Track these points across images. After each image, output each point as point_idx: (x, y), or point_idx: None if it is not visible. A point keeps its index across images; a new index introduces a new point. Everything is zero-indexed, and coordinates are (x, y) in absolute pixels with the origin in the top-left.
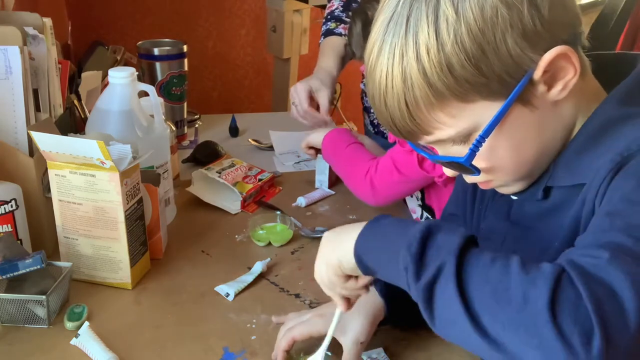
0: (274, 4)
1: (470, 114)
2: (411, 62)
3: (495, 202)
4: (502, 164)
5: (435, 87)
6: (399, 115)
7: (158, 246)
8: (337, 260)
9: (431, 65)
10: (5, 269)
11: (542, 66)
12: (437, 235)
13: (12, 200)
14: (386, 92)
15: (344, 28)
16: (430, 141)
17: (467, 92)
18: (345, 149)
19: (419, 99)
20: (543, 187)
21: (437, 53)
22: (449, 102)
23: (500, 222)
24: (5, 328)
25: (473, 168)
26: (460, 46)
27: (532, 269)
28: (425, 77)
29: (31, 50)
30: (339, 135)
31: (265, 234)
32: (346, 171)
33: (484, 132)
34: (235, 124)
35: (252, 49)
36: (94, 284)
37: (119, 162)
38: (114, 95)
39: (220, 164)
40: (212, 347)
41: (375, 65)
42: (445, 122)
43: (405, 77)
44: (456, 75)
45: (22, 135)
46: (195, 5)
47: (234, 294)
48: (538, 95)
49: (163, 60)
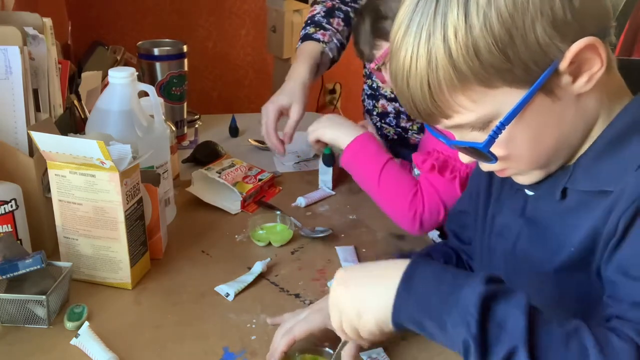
0: (274, 4)
1: (492, 100)
2: (437, 43)
3: (511, 198)
4: (519, 153)
5: (460, 70)
6: (420, 97)
7: (158, 246)
8: (356, 315)
9: (457, 47)
10: (5, 269)
11: (569, 56)
12: (496, 309)
13: (12, 200)
14: (409, 72)
15: (323, 34)
16: (448, 125)
17: (491, 77)
18: (381, 172)
19: (442, 81)
20: (561, 189)
21: (464, 36)
22: (472, 87)
23: (515, 218)
24: (5, 328)
25: (490, 155)
26: (488, 30)
27: (607, 349)
28: (450, 59)
29: (31, 50)
30: (367, 150)
31: (265, 234)
32: (383, 198)
33: (504, 119)
34: (235, 124)
35: (252, 49)
36: (94, 284)
37: (119, 162)
38: (114, 95)
39: (220, 164)
40: (212, 347)
41: (401, 44)
42: (466, 106)
43: (430, 58)
44: (482, 59)
45: (22, 135)
46: (195, 5)
47: (234, 294)
48: (562, 86)
49: (163, 60)
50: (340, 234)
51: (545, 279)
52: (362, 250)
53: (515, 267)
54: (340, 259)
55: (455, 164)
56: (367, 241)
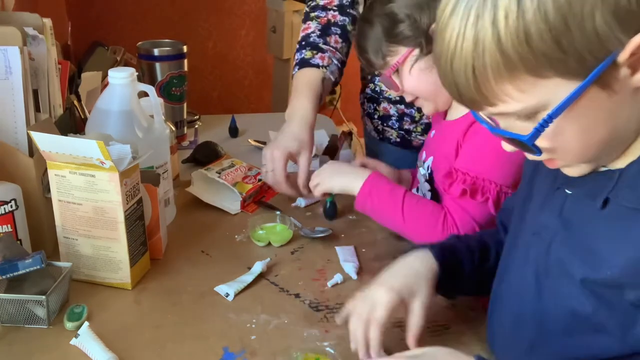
0: (274, 4)
1: (541, 90)
2: (486, 26)
3: (551, 195)
4: (566, 146)
5: (508, 57)
6: (464, 82)
7: (158, 246)
8: None
9: (507, 32)
10: (5, 269)
11: (629, 48)
12: None
13: (12, 201)
14: (454, 54)
15: (322, 58)
16: (493, 112)
17: (542, 66)
18: (403, 208)
19: (488, 67)
20: (604, 198)
21: (515, 20)
22: (520, 75)
23: (553, 218)
24: (5, 328)
25: (535, 148)
26: (542, 15)
27: None
28: (499, 44)
29: (31, 50)
30: (381, 190)
31: (265, 234)
32: (413, 231)
33: (553, 112)
34: (235, 125)
35: (252, 49)
36: (93, 284)
37: (118, 162)
38: (113, 96)
39: (220, 164)
40: (212, 347)
41: (447, 24)
42: (513, 95)
43: (477, 41)
44: (533, 46)
45: (22, 136)
46: (195, 5)
47: (234, 294)
48: (619, 79)
49: (163, 60)
50: (340, 234)
51: (574, 287)
52: (362, 251)
53: (547, 270)
54: (340, 259)
55: (484, 184)
56: (367, 241)
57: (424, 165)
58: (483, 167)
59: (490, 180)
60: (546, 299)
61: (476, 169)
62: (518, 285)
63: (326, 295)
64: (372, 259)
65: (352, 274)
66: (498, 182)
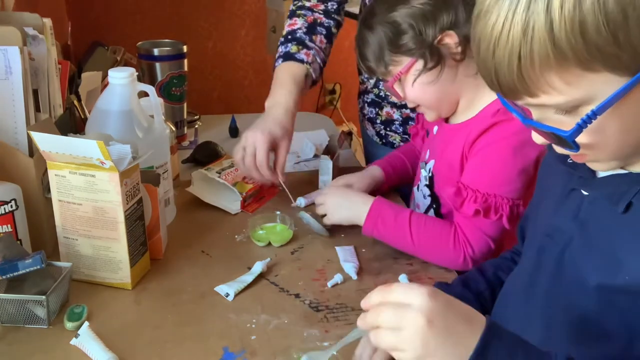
0: (274, 4)
1: (588, 84)
2: (539, 11)
3: (566, 196)
4: (605, 144)
5: (559, 47)
6: (506, 69)
7: (158, 246)
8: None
9: (562, 20)
10: (5, 269)
11: None
12: None
13: (12, 201)
14: (499, 39)
15: (307, 54)
16: (531, 103)
17: (593, 59)
18: (411, 230)
19: (536, 55)
20: (627, 202)
21: (572, 9)
22: (569, 67)
23: (568, 221)
24: (5, 328)
25: (574, 144)
26: (601, 6)
27: None
28: (551, 32)
29: (31, 50)
30: (386, 215)
31: (265, 234)
32: (425, 252)
33: (598, 108)
34: (235, 124)
35: (252, 49)
36: (93, 284)
37: (118, 162)
38: (113, 96)
39: (220, 164)
40: (212, 347)
41: (493, 7)
42: (558, 87)
43: (527, 27)
44: (587, 38)
45: (22, 135)
46: (195, 5)
47: (234, 294)
48: None
49: (163, 60)
50: (340, 234)
51: (586, 292)
52: (362, 250)
53: (562, 275)
54: (340, 259)
55: (496, 201)
56: (367, 241)
57: (426, 167)
58: (493, 184)
59: (502, 196)
60: (554, 302)
61: (486, 185)
62: (526, 287)
63: (326, 295)
64: (372, 259)
65: (352, 274)
66: (509, 197)
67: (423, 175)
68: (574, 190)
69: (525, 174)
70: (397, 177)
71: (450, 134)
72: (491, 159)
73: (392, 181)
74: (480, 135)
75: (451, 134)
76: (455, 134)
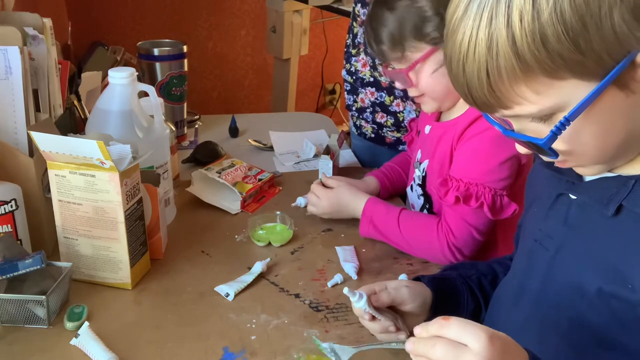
0: (274, 4)
1: (558, 92)
2: (500, 27)
3: (554, 200)
4: (583, 149)
5: (524, 59)
6: (477, 85)
7: (158, 246)
8: None
9: (522, 34)
10: (5, 269)
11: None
12: None
13: (12, 201)
14: (466, 57)
15: None
16: (507, 115)
17: (559, 68)
18: (399, 223)
19: (503, 69)
20: (617, 204)
21: (531, 21)
22: (536, 77)
23: (558, 226)
24: (5, 328)
25: (551, 151)
26: (559, 16)
27: None
28: (513, 46)
29: (31, 50)
30: (378, 212)
31: (265, 234)
32: (411, 243)
33: (570, 114)
34: (235, 125)
35: (252, 49)
36: (94, 284)
37: (118, 162)
38: (114, 96)
39: (220, 164)
40: (212, 347)
41: (459, 25)
42: (528, 98)
43: (491, 43)
44: (549, 48)
45: (22, 135)
46: (195, 5)
47: (234, 294)
48: (637, 79)
49: (163, 60)
50: (340, 234)
51: (581, 297)
52: (362, 251)
53: (553, 279)
54: (340, 259)
55: (478, 189)
56: (367, 241)
57: (420, 167)
58: (476, 173)
59: (484, 184)
60: (546, 305)
61: (469, 174)
62: (517, 291)
63: (326, 295)
64: (372, 259)
65: (352, 274)
66: (492, 187)
67: (416, 175)
68: (562, 195)
69: (509, 166)
70: (393, 188)
71: (441, 131)
72: (474, 150)
73: (388, 192)
74: (466, 128)
75: (442, 132)
76: (446, 131)
